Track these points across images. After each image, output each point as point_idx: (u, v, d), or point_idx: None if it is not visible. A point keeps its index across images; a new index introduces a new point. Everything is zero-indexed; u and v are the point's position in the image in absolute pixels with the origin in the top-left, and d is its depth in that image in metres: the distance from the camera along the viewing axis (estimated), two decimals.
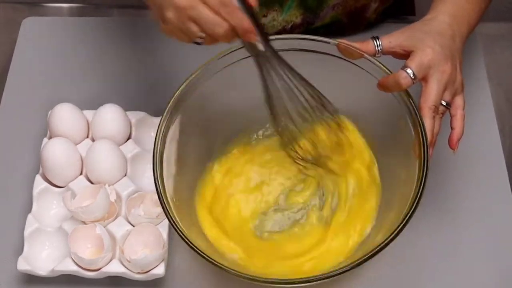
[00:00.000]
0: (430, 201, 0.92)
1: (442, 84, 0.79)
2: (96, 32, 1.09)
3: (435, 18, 0.83)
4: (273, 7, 1.04)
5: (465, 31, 0.85)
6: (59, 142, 0.91)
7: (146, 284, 0.85)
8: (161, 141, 0.81)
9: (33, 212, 0.89)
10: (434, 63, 0.79)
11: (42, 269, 0.85)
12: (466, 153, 0.97)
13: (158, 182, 0.79)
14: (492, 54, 1.09)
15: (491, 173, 0.95)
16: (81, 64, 1.07)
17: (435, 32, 0.81)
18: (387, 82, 0.80)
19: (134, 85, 1.04)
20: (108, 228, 0.87)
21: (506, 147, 1.02)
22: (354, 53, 0.83)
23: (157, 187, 0.78)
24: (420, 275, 0.88)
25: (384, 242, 0.74)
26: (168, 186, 0.80)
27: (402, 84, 0.78)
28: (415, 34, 0.81)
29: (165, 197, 0.78)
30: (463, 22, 0.84)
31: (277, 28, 1.06)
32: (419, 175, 0.77)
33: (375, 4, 1.06)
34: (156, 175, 0.79)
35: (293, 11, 1.05)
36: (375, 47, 0.82)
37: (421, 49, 0.79)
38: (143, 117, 0.96)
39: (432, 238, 0.90)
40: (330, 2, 1.03)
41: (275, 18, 1.05)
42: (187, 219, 0.82)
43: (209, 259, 0.75)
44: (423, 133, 0.78)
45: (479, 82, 1.03)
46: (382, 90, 0.81)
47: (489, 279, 0.88)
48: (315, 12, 1.04)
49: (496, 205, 0.93)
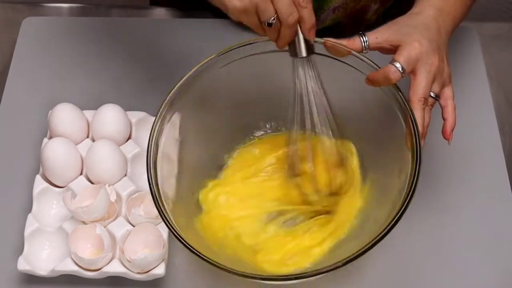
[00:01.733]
0: (429, 201, 0.92)
1: (431, 76, 0.80)
2: (96, 32, 1.09)
3: (421, 12, 0.84)
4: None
5: (451, 25, 0.86)
6: (59, 142, 0.91)
7: (146, 284, 0.85)
8: (155, 141, 0.81)
9: (33, 212, 0.89)
10: (422, 56, 0.80)
11: (42, 269, 0.85)
12: (466, 153, 0.97)
13: (153, 183, 0.79)
14: (492, 54, 1.08)
15: (491, 173, 0.96)
16: (81, 64, 1.07)
17: (421, 26, 0.82)
18: (376, 77, 0.81)
19: (134, 85, 1.04)
20: (108, 228, 0.87)
21: (506, 147, 1.01)
22: (341, 51, 0.83)
23: (151, 188, 0.78)
24: (420, 275, 0.88)
25: (379, 235, 0.74)
26: (168, 186, 0.81)
27: (392, 79, 0.79)
28: (401, 29, 0.82)
29: (159, 196, 0.78)
30: (449, 16, 0.85)
31: None
32: (412, 166, 0.77)
33: (375, 6, 1.07)
34: (150, 175, 0.79)
35: None
36: (362, 43, 0.82)
37: (409, 43, 0.80)
38: (143, 117, 0.96)
39: (431, 238, 0.90)
40: (331, 4, 1.03)
41: None
42: (184, 219, 0.82)
43: (202, 256, 0.75)
44: (414, 125, 0.78)
45: (479, 82, 1.04)
46: (371, 85, 0.82)
47: (489, 279, 0.88)
48: (315, 14, 1.04)
49: (496, 205, 0.93)
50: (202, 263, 0.87)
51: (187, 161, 0.87)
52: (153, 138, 0.81)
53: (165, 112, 0.82)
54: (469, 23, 1.11)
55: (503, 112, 1.05)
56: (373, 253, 0.88)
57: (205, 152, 0.90)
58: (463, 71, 1.05)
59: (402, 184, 0.78)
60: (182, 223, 0.79)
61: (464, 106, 1.01)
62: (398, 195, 0.77)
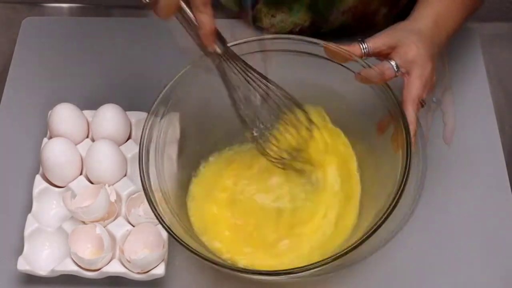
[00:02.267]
0: (429, 201, 0.92)
1: (424, 79, 0.81)
2: (96, 32, 1.09)
3: (418, 20, 0.85)
4: (282, 8, 1.05)
5: (445, 36, 0.87)
6: (59, 142, 0.91)
7: (146, 284, 0.85)
8: (147, 139, 0.82)
9: (33, 212, 0.89)
10: (417, 59, 0.81)
11: (42, 269, 0.85)
12: (466, 153, 0.97)
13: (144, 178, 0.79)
14: (491, 54, 1.09)
15: (491, 173, 0.95)
16: (81, 64, 1.07)
17: (418, 32, 0.83)
18: (369, 73, 0.81)
19: (134, 85, 1.04)
20: (108, 228, 0.87)
21: (506, 147, 1.01)
22: (343, 55, 0.83)
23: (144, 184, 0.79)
24: (419, 275, 0.88)
25: (373, 227, 0.74)
26: (169, 182, 0.81)
27: (386, 75, 0.79)
28: (399, 32, 0.84)
29: (152, 195, 0.78)
30: (445, 27, 0.87)
31: (286, 30, 1.07)
32: (403, 163, 0.78)
33: (385, 9, 1.07)
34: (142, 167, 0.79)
35: (301, 15, 1.05)
36: (362, 50, 0.83)
37: (406, 44, 0.81)
38: (143, 117, 0.96)
39: (431, 238, 0.90)
40: (340, 7, 1.04)
41: (284, 20, 1.06)
42: (178, 216, 0.82)
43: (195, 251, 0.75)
44: (405, 124, 0.79)
45: (479, 82, 1.03)
46: (363, 82, 0.82)
47: (489, 279, 0.88)
48: (323, 16, 1.04)
49: (496, 205, 0.93)
50: (202, 263, 0.88)
51: (183, 159, 0.87)
52: (144, 139, 0.81)
53: (157, 108, 0.83)
54: (469, 23, 1.11)
55: (503, 112, 1.05)
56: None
57: (198, 151, 0.91)
58: (463, 71, 1.04)
59: (393, 178, 0.78)
60: (174, 221, 0.79)
61: (464, 106, 1.01)
62: (391, 192, 0.78)
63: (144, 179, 0.79)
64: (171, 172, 0.84)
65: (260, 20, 1.07)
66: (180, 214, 0.83)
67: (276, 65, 0.84)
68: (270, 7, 1.06)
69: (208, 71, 0.85)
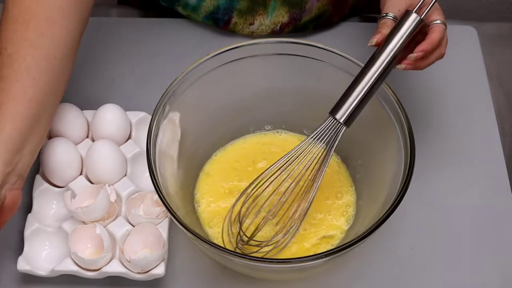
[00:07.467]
0: (429, 201, 0.93)
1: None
2: (96, 32, 1.09)
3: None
4: (258, 11, 1.04)
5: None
6: (59, 142, 0.91)
7: (146, 284, 0.85)
8: (154, 135, 0.82)
9: (33, 212, 0.89)
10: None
11: (42, 269, 0.85)
12: (466, 153, 0.97)
13: (154, 175, 0.79)
14: (492, 54, 1.08)
15: (491, 173, 0.96)
16: (81, 64, 1.06)
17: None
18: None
19: (134, 85, 1.04)
20: (108, 228, 0.87)
21: (506, 147, 1.02)
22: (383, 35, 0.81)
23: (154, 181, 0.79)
24: (419, 275, 0.88)
25: (373, 225, 0.74)
26: (170, 180, 0.82)
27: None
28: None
29: (160, 190, 0.78)
30: None
31: (266, 31, 1.06)
32: (405, 163, 0.78)
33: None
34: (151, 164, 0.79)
35: (278, 11, 1.04)
36: (392, 20, 0.82)
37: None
38: (143, 117, 0.96)
39: (431, 238, 0.90)
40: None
41: (262, 22, 1.05)
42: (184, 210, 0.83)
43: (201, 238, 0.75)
44: (410, 130, 0.79)
45: (479, 82, 1.04)
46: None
47: (489, 279, 0.88)
48: (300, 6, 1.04)
49: (496, 205, 0.93)
50: (202, 262, 0.88)
51: (185, 157, 0.88)
52: (152, 131, 0.81)
53: (162, 107, 0.83)
54: (469, 23, 1.11)
55: (503, 112, 1.05)
56: (371, 253, 0.89)
57: (200, 150, 0.91)
58: (463, 71, 1.05)
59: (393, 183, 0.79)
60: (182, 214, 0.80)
61: (464, 106, 1.01)
62: (394, 185, 0.78)
63: (155, 178, 0.79)
64: (173, 172, 0.84)
65: (239, 32, 1.07)
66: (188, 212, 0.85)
67: (274, 68, 0.84)
68: (245, 17, 1.05)
69: (208, 71, 0.85)
